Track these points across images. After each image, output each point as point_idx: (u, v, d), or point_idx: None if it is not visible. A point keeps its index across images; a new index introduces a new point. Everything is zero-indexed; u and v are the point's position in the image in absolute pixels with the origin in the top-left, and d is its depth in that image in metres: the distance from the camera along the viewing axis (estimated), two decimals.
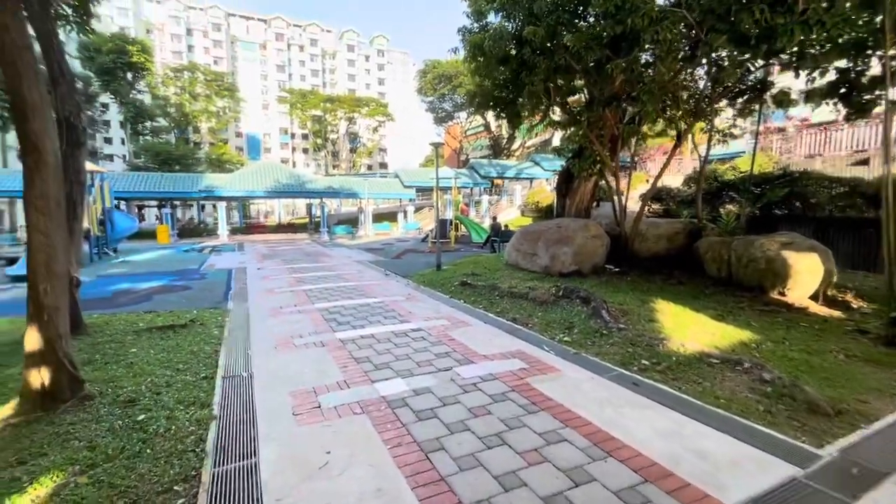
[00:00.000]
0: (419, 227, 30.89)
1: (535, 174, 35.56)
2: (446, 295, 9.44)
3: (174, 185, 27.19)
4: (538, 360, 5.37)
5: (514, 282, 9.69)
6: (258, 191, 26.50)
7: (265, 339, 6.48)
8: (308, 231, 33.32)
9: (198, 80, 52.81)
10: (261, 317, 7.81)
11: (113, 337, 6.40)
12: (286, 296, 9.62)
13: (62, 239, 4.02)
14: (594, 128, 10.32)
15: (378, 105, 63.64)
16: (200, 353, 5.82)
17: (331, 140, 68.70)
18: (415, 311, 8.01)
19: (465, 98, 50.13)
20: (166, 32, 72.60)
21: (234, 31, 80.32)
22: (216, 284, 11.23)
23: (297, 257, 17.37)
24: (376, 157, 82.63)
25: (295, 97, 62.68)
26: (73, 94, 6.57)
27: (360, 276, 12.37)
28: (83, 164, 6.66)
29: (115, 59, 35.58)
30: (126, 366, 5.26)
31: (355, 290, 10.22)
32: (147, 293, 10.08)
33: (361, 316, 7.72)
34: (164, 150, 38.25)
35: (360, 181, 32.57)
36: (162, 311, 8.19)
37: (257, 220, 45.05)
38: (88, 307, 8.68)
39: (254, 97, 76.20)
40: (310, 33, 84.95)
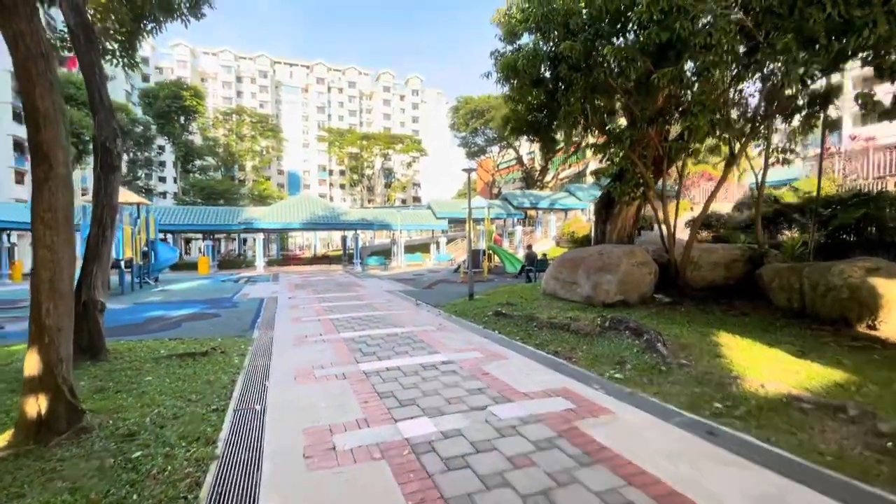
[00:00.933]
0: (451, 258, 30.50)
1: (570, 205, 34.76)
2: (479, 325, 8.80)
3: (216, 217, 28.26)
4: (587, 400, 4.62)
5: (553, 312, 8.95)
6: (294, 223, 27.07)
7: (285, 368, 6.04)
8: (342, 262, 33.61)
9: (244, 122, 56.24)
10: (284, 345, 7.43)
11: (131, 364, 6.14)
12: (313, 325, 9.26)
13: (69, 256, 3.77)
14: (636, 148, 9.71)
15: (412, 141, 65.40)
16: (216, 383, 5.42)
17: (366, 176, 70.79)
18: (445, 342, 7.41)
19: (496, 132, 50.83)
20: (219, 80, 78.48)
21: (278, 77, 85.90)
22: (246, 313, 11.07)
23: (329, 287, 17.22)
24: (410, 191, 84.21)
25: (333, 136, 65.46)
26: (111, 120, 6.67)
27: (390, 305, 11.93)
28: (116, 189, 6.67)
29: (170, 104, 38.36)
30: (136, 395, 4.92)
31: (384, 319, 9.75)
32: (178, 320, 9.99)
33: (388, 346, 7.19)
34: (209, 186, 40.29)
35: (392, 213, 32.82)
36: (187, 338, 7.97)
37: (294, 252, 46.13)
38: (119, 333, 8.63)
39: (295, 137, 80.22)
40: (348, 76, 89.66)
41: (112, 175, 6.60)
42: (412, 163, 73.00)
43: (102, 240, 6.47)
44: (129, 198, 15.85)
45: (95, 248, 6.43)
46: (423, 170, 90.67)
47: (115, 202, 6.64)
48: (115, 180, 6.64)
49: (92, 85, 6.60)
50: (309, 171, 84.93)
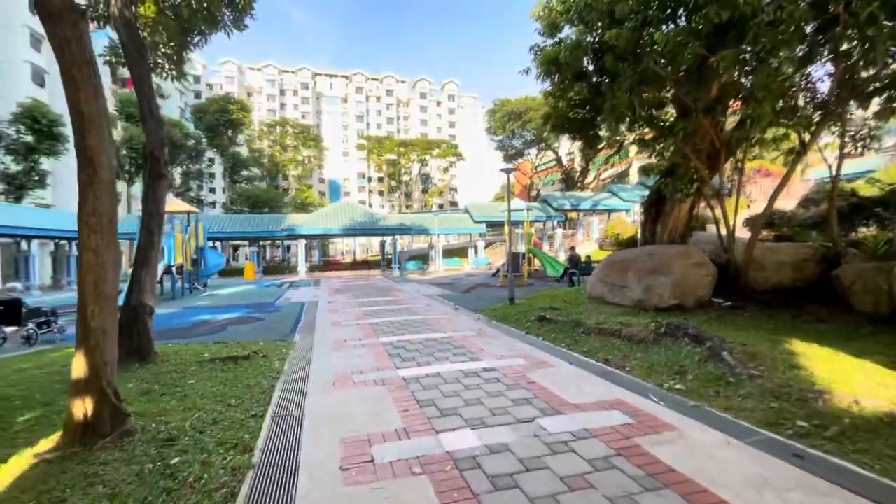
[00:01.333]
0: (489, 263, 30.08)
1: (613, 206, 33.51)
2: (521, 331, 8.43)
3: (260, 225, 29.30)
4: (646, 414, 4.19)
5: (601, 317, 8.43)
6: (334, 229, 27.61)
7: (324, 373, 5.95)
8: (381, 268, 33.96)
9: (288, 133, 58.38)
10: (324, 350, 7.37)
11: (177, 366, 6.25)
12: (352, 329, 9.20)
13: (113, 259, 3.80)
14: (690, 141, 9.05)
15: (449, 146, 65.56)
16: (256, 388, 5.39)
17: (404, 182, 71.63)
18: (487, 349, 7.10)
19: (534, 133, 50.00)
20: (263, 94, 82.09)
21: (319, 88, 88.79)
22: (288, 317, 11.22)
23: (368, 292, 17.31)
24: (447, 196, 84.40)
25: (372, 143, 66.75)
26: (159, 130, 6.88)
27: (429, 309, 11.74)
28: (163, 196, 6.87)
29: (218, 118, 40.37)
30: (179, 398, 4.94)
31: (423, 324, 9.56)
32: (223, 324, 10.24)
33: (428, 352, 6.97)
34: (254, 195, 41.99)
35: (430, 218, 32.85)
36: (231, 342, 8.10)
37: (335, 258, 47.17)
38: (168, 336, 8.92)
39: (335, 145, 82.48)
40: (386, 84, 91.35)
41: (159, 182, 6.79)
42: (449, 168, 73.16)
43: (150, 245, 6.66)
44: (179, 206, 16.66)
45: (144, 253, 6.62)
46: (460, 175, 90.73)
47: (161, 209, 6.83)
48: (161, 187, 6.83)
49: (142, 96, 6.83)
50: (349, 178, 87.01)
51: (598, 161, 52.46)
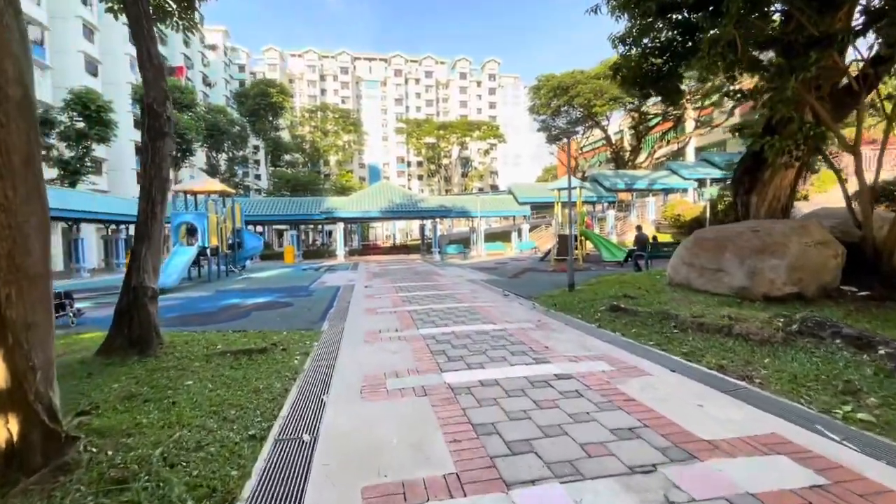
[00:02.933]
0: (535, 247, 28.27)
1: (673, 184, 30.62)
2: (591, 323, 6.89)
3: (299, 208, 28.90)
4: (838, 466, 2.63)
5: (694, 308, 6.73)
6: (373, 211, 26.70)
7: (351, 375, 4.71)
8: (420, 252, 32.92)
9: (328, 119, 58.16)
10: (354, 342, 6.17)
11: (179, 361, 5.22)
12: (388, 318, 7.98)
13: (38, 220, 2.64)
14: (809, 84, 7.04)
15: (489, 127, 63.25)
16: (265, 393, 4.23)
17: (443, 165, 70.12)
18: (553, 346, 5.63)
19: (582, 110, 46.87)
20: (304, 80, 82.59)
21: (358, 72, 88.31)
22: (319, 301, 10.20)
23: (407, 276, 16.16)
24: (487, 179, 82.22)
25: (411, 126, 65.49)
26: (160, 81, 5.79)
27: (475, 296, 10.36)
28: (167, 158, 5.81)
29: (258, 102, 40.37)
30: (165, 408, 3.84)
31: (469, 312, 8.20)
32: (249, 309, 9.34)
33: (479, 349, 5.59)
34: (295, 178, 42.00)
35: (472, 199, 31.31)
36: (251, 331, 7.08)
37: (374, 242, 46.76)
38: (188, 322, 8.07)
39: (374, 130, 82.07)
40: (425, 66, 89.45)
41: (161, 142, 5.72)
42: (489, 150, 70.82)
43: (152, 217, 5.64)
44: (214, 186, 16.10)
45: (144, 226, 5.61)
46: (501, 158, 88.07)
47: (165, 173, 5.78)
48: (164, 147, 5.76)
49: (140, 40, 5.75)
50: (388, 163, 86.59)
51: (652, 139, 48.73)
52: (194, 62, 55.92)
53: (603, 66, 41.49)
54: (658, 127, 45.41)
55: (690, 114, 41.83)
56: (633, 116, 45.12)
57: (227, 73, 66.82)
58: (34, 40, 30.50)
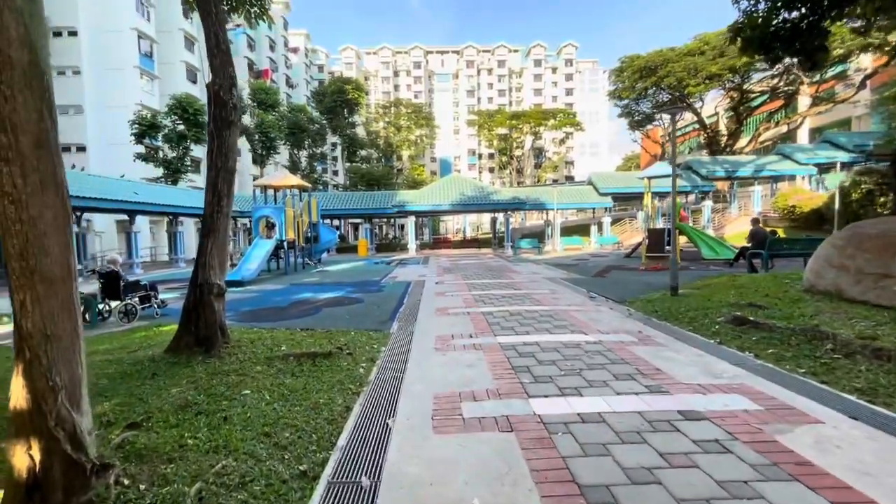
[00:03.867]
0: (617, 241, 26.08)
1: (785, 171, 26.62)
2: (708, 338, 5.61)
3: (372, 202, 29.32)
4: None
5: (858, 326, 5.18)
6: (444, 204, 26.24)
7: (421, 394, 4.04)
8: (492, 246, 31.99)
9: (401, 114, 59.00)
10: (424, 350, 5.52)
11: (242, 364, 4.89)
12: (461, 319, 7.26)
13: (55, 215, 2.20)
14: None
15: (566, 115, 60.19)
16: (325, 411, 3.69)
17: (516, 157, 68.18)
18: (666, 369, 4.53)
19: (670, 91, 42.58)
20: (379, 77, 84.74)
21: (431, 66, 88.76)
22: (389, 298, 9.77)
23: (479, 272, 15.38)
24: (562, 170, 78.78)
25: (482, 118, 64.37)
26: (227, 67, 5.52)
27: (556, 297, 9.31)
28: (233, 148, 5.53)
29: (335, 99, 41.73)
30: (215, 425, 3.41)
31: (552, 317, 7.21)
32: (319, 305, 9.14)
33: (571, 367, 4.65)
34: (368, 173, 43.00)
35: (548, 191, 29.69)
36: (319, 330, 6.73)
37: (445, 236, 46.61)
38: (259, 317, 7.98)
39: (446, 123, 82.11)
40: (497, 55, 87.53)
41: (227, 131, 5.44)
42: (565, 139, 67.67)
43: (218, 210, 5.38)
44: (290, 181, 16.53)
45: (210, 219, 5.37)
46: (577, 147, 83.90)
47: (231, 164, 5.50)
48: (230, 137, 5.48)
49: (208, 24, 5.52)
50: (459, 156, 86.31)
51: (755, 121, 43.06)
52: (278, 65, 59.51)
53: (698, 41, 37.28)
54: (764, 107, 39.98)
55: (805, 90, 36.20)
56: (731, 96, 40.15)
57: (307, 75, 70.43)
58: (145, 53, 34.01)
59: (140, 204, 18.49)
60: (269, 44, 56.72)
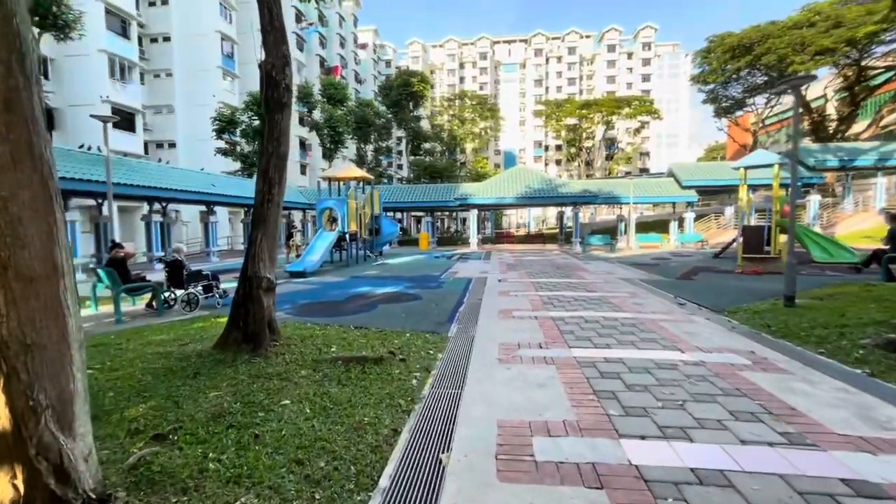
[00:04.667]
0: (702, 240, 23.52)
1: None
2: (849, 366, 4.37)
3: (434, 194, 28.95)
4: None
5: None
6: (508, 197, 25.20)
7: (483, 419, 3.37)
8: (558, 242, 30.42)
9: (466, 106, 58.25)
10: (487, 360, 4.83)
11: (287, 367, 4.50)
12: (528, 325, 6.46)
13: (34, 196, 1.77)
14: None
15: (642, 103, 55.98)
16: (369, 433, 3.14)
17: (585, 149, 64.80)
18: (803, 408, 3.47)
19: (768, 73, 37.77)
20: (445, 70, 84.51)
21: (497, 57, 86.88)
22: (449, 296, 9.18)
23: (546, 270, 14.35)
24: (636, 162, 73.84)
25: (550, 108, 61.74)
26: (281, 46, 5.13)
27: (637, 303, 8.17)
28: (286, 132, 5.15)
29: (400, 92, 41.93)
30: (245, 444, 2.97)
31: (637, 327, 6.19)
32: (376, 300, 8.75)
33: (671, 397, 3.73)
34: (430, 165, 42.86)
35: (622, 183, 27.53)
36: (372, 329, 6.27)
37: (507, 230, 45.46)
38: (315, 311, 7.72)
39: (511, 115, 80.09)
40: (568, 42, 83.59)
41: (280, 114, 5.06)
42: (640, 129, 63.06)
43: (269, 200, 5.04)
44: (354, 172, 16.46)
45: (261, 208, 5.03)
46: (653, 137, 78.20)
47: (283, 149, 5.13)
48: (283, 120, 5.10)
49: (263, 1, 5.14)
50: (524, 148, 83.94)
51: (874, 103, 36.99)
52: (348, 61, 61.20)
53: (806, 11, 32.62)
54: (888, 85, 34.18)
55: None
56: (845, 75, 34.77)
57: (375, 70, 71.89)
58: (227, 54, 36.22)
59: (216, 195, 19.52)
60: (340, 41, 58.44)
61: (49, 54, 24.74)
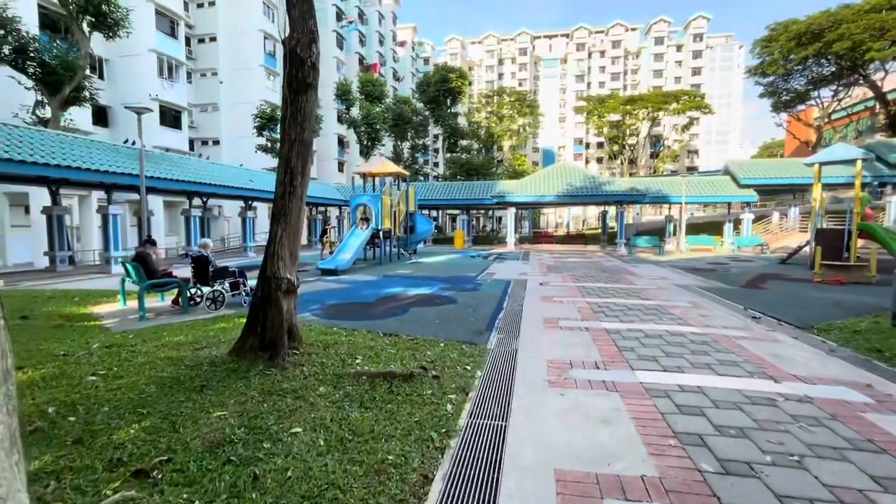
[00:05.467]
0: (762, 244, 21.58)
1: None
2: None
3: (470, 192, 28.20)
4: None
5: None
6: (548, 196, 24.09)
7: (535, 469, 2.67)
8: (600, 243, 28.96)
9: (504, 103, 57.04)
10: (534, 382, 4.11)
11: (305, 382, 3.95)
12: (579, 339, 5.66)
13: None
14: None
15: (691, 97, 52.89)
16: (392, 482, 2.53)
17: (628, 146, 62.04)
18: None
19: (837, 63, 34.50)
20: (483, 66, 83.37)
21: (538, 52, 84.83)
22: (486, 300, 8.47)
23: (590, 273, 13.34)
24: (683, 160, 70.16)
25: (592, 104, 59.49)
26: (308, 20, 4.57)
27: (703, 315, 7.16)
28: (310, 117, 4.61)
29: (438, 88, 41.35)
30: (239, 488, 2.40)
31: (710, 346, 5.26)
32: (409, 302, 8.17)
33: (779, 447, 2.89)
34: (468, 163, 42.03)
35: (673, 181, 25.78)
36: (403, 336, 5.67)
37: (545, 230, 44.08)
38: (344, 313, 7.22)
39: (551, 111, 77.97)
40: (612, 35, 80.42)
41: (304, 96, 4.52)
42: (689, 125, 59.71)
43: (291, 192, 4.51)
44: (388, 168, 15.95)
45: (282, 201, 4.52)
46: (702, 134, 74.08)
47: (308, 136, 4.59)
48: (307, 104, 4.56)
49: None
50: (564, 146, 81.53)
51: None
52: (386, 59, 61.33)
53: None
54: None
55: None
56: None
57: (413, 67, 71.74)
58: (269, 52, 36.90)
59: (253, 191, 19.62)
60: (379, 38, 58.61)
61: (104, 55, 25.84)
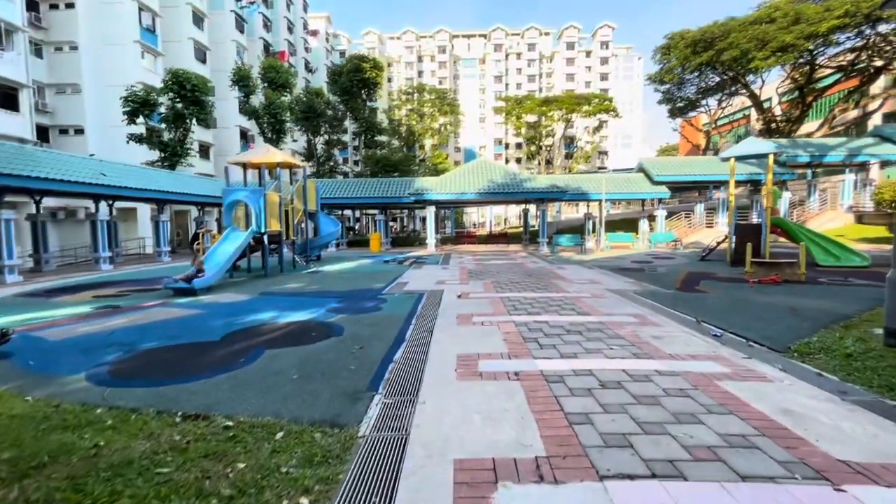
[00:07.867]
0: (675, 239, 21.89)
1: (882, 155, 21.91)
2: None
3: (386, 189, 25.90)
4: None
5: None
6: (469, 193, 22.57)
7: None
8: (522, 242, 28.17)
9: (425, 100, 55.29)
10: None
11: None
12: (508, 398, 3.71)
13: None
14: None
15: (601, 100, 55.23)
16: None
17: (545, 147, 63.59)
18: None
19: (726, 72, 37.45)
20: (402, 63, 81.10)
21: (456, 51, 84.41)
22: (384, 327, 6.31)
23: (517, 278, 11.74)
24: (594, 161, 73.65)
25: (510, 104, 60.02)
26: None
27: (656, 336, 5.64)
28: None
29: (351, 79, 38.39)
30: None
31: (692, 398, 3.59)
32: (269, 339, 5.74)
33: None
34: (384, 158, 39.63)
35: (593, 178, 25.62)
36: (216, 422, 3.31)
37: (468, 230, 42.98)
38: (147, 372, 4.57)
39: (471, 111, 77.92)
40: (528, 38, 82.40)
41: None
42: (599, 127, 62.58)
43: None
44: (273, 157, 12.74)
45: None
46: (610, 137, 78.52)
47: None
48: None
49: None
50: (484, 146, 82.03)
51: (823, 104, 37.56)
52: (297, 48, 56.63)
53: (765, 8, 32.26)
54: (837, 86, 34.50)
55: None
56: (794, 77, 34.91)
57: (328, 60, 67.41)
58: (147, 27, 31.45)
59: (108, 187, 15.52)
60: (287, 25, 53.88)
61: None
